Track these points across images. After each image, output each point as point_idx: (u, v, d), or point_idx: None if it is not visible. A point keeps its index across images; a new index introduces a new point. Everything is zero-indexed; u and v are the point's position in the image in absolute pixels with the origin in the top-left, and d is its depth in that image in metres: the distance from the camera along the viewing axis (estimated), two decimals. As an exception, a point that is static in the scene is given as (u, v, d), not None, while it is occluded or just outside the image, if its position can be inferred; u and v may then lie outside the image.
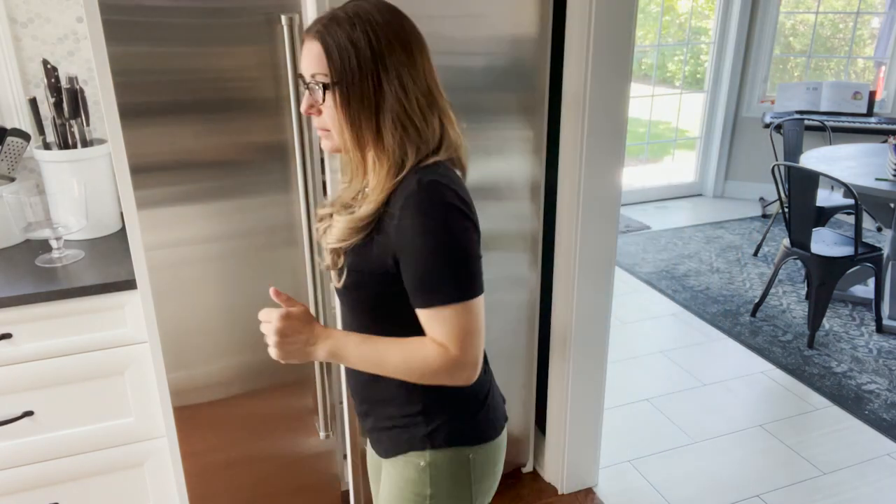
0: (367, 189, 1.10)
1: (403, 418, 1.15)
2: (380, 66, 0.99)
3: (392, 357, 1.06)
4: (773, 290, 3.89)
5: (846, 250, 3.29)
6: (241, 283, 1.72)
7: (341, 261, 1.09)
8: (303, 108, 1.06)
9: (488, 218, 1.92)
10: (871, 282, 3.75)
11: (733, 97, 5.30)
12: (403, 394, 1.14)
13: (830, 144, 4.36)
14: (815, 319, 3.30)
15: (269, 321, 1.07)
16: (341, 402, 1.94)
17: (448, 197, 1.00)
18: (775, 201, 4.75)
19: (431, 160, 1.03)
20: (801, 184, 3.24)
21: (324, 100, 1.03)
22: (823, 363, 3.15)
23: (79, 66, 2.05)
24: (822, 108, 4.98)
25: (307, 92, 1.05)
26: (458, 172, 1.10)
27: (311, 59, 1.02)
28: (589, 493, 2.33)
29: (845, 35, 5.52)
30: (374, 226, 1.04)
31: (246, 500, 1.94)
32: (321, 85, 1.02)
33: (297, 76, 1.46)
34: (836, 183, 3.27)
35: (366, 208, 1.04)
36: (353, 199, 1.12)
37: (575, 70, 1.87)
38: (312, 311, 1.76)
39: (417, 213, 0.99)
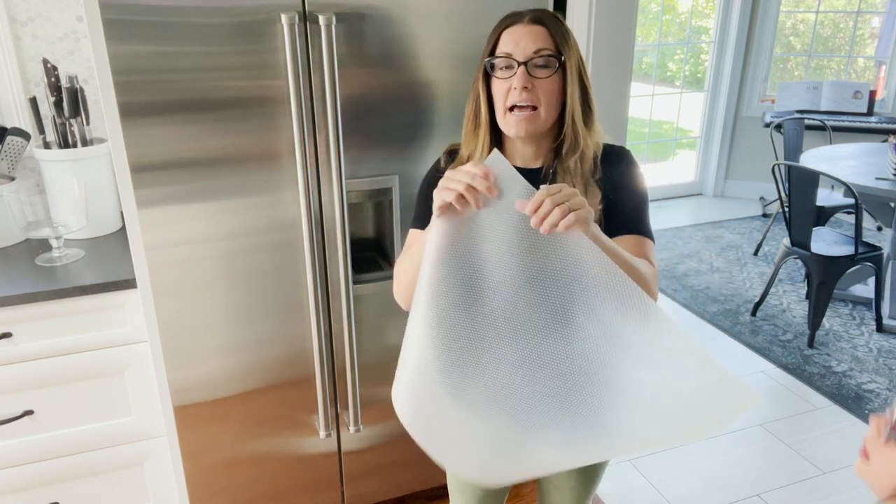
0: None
1: None
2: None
3: (631, 257, 1.13)
4: (773, 290, 3.89)
5: (846, 249, 3.29)
6: (242, 283, 1.72)
7: None
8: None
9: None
10: (872, 281, 3.75)
11: (733, 96, 5.30)
12: None
13: (831, 144, 4.36)
14: (815, 319, 3.30)
15: (553, 195, 1.01)
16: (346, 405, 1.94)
17: None
18: (775, 200, 4.75)
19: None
20: (801, 183, 3.24)
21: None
22: (823, 362, 3.16)
23: (79, 66, 2.05)
24: (823, 108, 4.98)
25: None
26: None
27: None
28: (589, 492, 2.33)
29: (846, 34, 5.52)
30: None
31: (246, 499, 1.94)
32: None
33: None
34: (836, 182, 3.27)
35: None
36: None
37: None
38: (312, 309, 1.76)
39: (634, 165, 1.29)
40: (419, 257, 1.21)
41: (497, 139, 1.26)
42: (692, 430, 1.05)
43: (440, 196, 1.04)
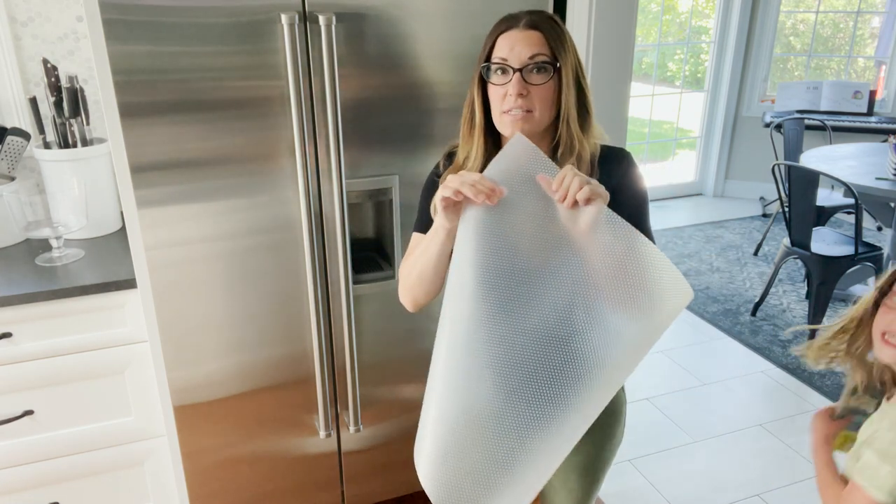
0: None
1: None
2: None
3: None
4: (773, 290, 3.89)
5: (846, 249, 3.29)
6: (242, 283, 1.72)
7: None
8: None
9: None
10: (871, 281, 3.75)
11: (733, 96, 5.30)
12: None
13: (830, 144, 4.36)
14: (815, 319, 3.30)
15: (566, 176, 1.05)
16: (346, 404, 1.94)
17: None
18: (775, 200, 4.75)
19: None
20: (801, 183, 3.24)
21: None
22: (823, 362, 3.15)
23: (79, 66, 2.05)
24: (823, 108, 4.98)
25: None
26: None
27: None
28: (589, 492, 2.33)
29: (846, 34, 5.52)
30: None
31: (246, 499, 1.94)
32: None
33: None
34: (836, 182, 3.27)
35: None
36: None
37: (575, 69, 1.87)
38: (312, 309, 1.76)
39: (633, 166, 1.29)
40: (424, 257, 1.22)
41: (493, 141, 1.26)
42: (654, 337, 1.08)
43: (440, 193, 1.09)
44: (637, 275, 1.03)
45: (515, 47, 1.16)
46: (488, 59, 1.20)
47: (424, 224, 1.33)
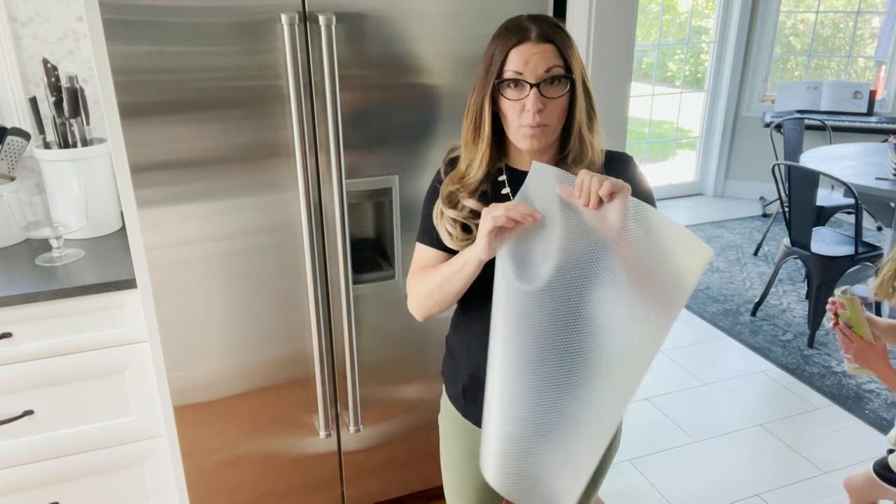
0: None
1: None
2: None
3: None
4: (773, 290, 3.89)
5: (846, 249, 3.29)
6: (241, 283, 1.72)
7: None
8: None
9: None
10: (872, 281, 3.75)
11: (733, 96, 5.30)
12: None
13: (830, 144, 4.36)
14: (815, 318, 3.30)
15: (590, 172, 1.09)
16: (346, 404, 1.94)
17: None
18: (775, 200, 4.75)
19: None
20: (801, 183, 3.24)
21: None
22: (823, 362, 3.16)
23: (79, 65, 2.05)
24: (823, 108, 4.98)
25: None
26: None
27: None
28: (589, 492, 2.33)
29: (846, 34, 5.52)
30: None
31: (246, 499, 1.94)
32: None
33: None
34: (836, 182, 3.27)
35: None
36: None
37: (575, 69, 1.87)
38: (312, 309, 1.76)
39: (638, 168, 1.30)
40: (450, 285, 1.24)
41: (497, 148, 1.25)
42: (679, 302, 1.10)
43: (489, 222, 1.11)
44: (665, 257, 1.04)
45: (531, 61, 1.15)
46: (500, 72, 1.17)
47: (429, 233, 1.32)
